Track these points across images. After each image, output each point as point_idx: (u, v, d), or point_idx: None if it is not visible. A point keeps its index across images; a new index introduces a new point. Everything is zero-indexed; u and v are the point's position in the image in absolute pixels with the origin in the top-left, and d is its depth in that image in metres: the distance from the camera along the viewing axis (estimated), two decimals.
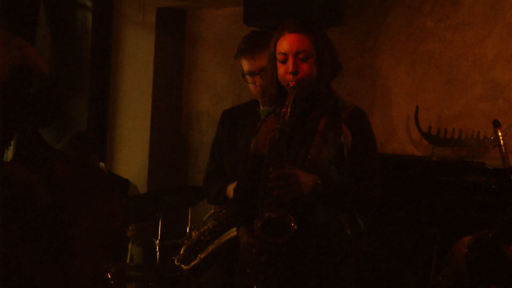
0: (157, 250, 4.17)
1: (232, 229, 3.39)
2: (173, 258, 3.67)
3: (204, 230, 3.58)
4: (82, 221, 2.08)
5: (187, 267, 3.61)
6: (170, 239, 4.22)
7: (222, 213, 3.53)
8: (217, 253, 3.53)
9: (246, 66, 3.35)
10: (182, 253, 3.63)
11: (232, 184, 3.27)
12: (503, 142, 3.33)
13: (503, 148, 3.32)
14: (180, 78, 5.51)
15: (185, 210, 4.39)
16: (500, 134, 3.34)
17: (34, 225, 2.02)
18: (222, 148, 3.54)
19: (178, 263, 3.63)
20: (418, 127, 4.15)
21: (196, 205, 4.40)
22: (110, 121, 5.65)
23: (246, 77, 3.36)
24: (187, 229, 3.85)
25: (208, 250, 3.55)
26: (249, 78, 3.35)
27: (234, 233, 3.20)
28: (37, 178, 2.07)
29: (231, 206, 3.18)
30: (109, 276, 3.86)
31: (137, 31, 5.49)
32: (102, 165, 4.76)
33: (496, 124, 3.38)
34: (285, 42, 2.82)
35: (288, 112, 2.74)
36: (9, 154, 2.26)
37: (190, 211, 4.31)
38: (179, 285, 4.01)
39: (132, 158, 5.52)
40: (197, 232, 3.61)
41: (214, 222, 3.55)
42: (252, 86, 3.36)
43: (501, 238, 2.85)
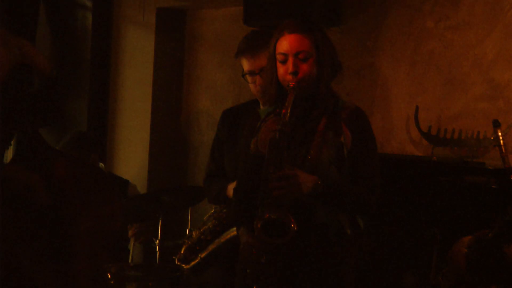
0: (157, 250, 4.17)
1: (232, 228, 3.39)
2: (173, 257, 3.68)
3: (204, 230, 3.58)
4: (82, 221, 2.08)
5: (188, 267, 3.61)
6: (170, 239, 4.22)
7: (223, 212, 3.53)
8: (217, 252, 3.53)
9: (246, 66, 3.35)
10: (182, 252, 3.63)
11: (232, 183, 3.27)
12: (503, 142, 3.33)
13: (503, 148, 3.32)
14: (180, 78, 5.50)
15: (185, 210, 4.39)
16: (500, 134, 3.34)
17: (34, 225, 2.02)
18: (222, 147, 3.54)
19: (178, 263, 3.64)
20: (418, 127, 4.15)
21: (196, 205, 4.40)
22: (110, 121, 5.65)
23: (246, 77, 3.35)
24: (187, 229, 3.86)
25: (208, 249, 3.56)
26: (249, 78, 3.35)
27: (234, 232, 3.20)
28: (37, 178, 2.07)
29: (231, 206, 3.18)
30: (109, 276, 3.86)
31: (137, 31, 5.48)
32: (102, 165, 4.76)
33: (496, 124, 3.38)
34: (285, 42, 2.82)
35: (288, 113, 2.74)
36: (9, 154, 2.26)
37: (190, 211, 4.31)
38: (179, 285, 4.01)
39: (132, 158, 5.52)
40: (197, 231, 3.61)
41: (214, 221, 3.55)
42: (252, 86, 3.36)
43: (501, 238, 2.85)
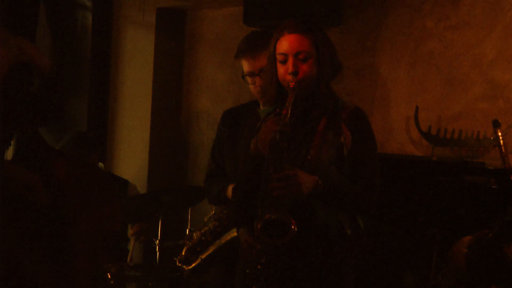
0: (157, 250, 4.17)
1: (232, 229, 3.39)
2: (174, 259, 3.68)
3: (205, 231, 3.58)
4: (82, 221, 2.08)
5: (189, 268, 3.61)
6: (170, 239, 4.22)
7: (223, 213, 3.53)
8: (218, 253, 3.53)
9: (246, 66, 3.35)
10: (183, 253, 3.63)
11: (232, 184, 3.27)
12: (503, 142, 3.34)
13: (503, 148, 3.32)
14: (180, 78, 5.50)
15: (185, 210, 4.39)
16: (500, 134, 3.35)
17: (34, 225, 2.02)
18: (222, 148, 3.54)
19: (179, 264, 3.64)
20: (418, 127, 4.15)
21: (196, 205, 4.40)
22: (110, 121, 5.65)
23: (246, 77, 3.35)
24: (187, 229, 3.86)
25: (209, 250, 3.56)
26: (249, 79, 3.35)
27: (235, 233, 3.20)
28: (37, 178, 2.07)
29: (231, 206, 3.17)
30: (109, 276, 3.86)
31: (137, 31, 5.48)
32: (101, 165, 4.76)
33: (496, 124, 3.39)
34: (285, 43, 2.81)
35: (288, 113, 2.73)
36: (9, 154, 2.26)
37: (190, 211, 4.31)
38: (179, 285, 4.01)
39: (132, 158, 5.52)
40: (198, 232, 3.61)
41: (215, 222, 3.55)
42: (252, 87, 3.36)
43: (501, 238, 2.85)
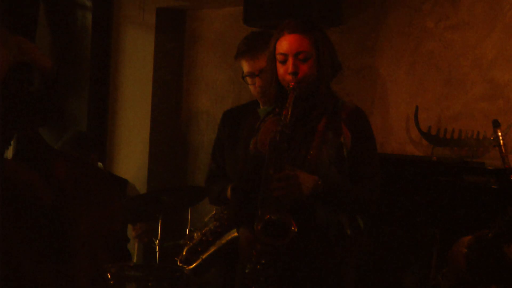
0: (157, 250, 4.17)
1: (233, 229, 3.39)
2: (175, 258, 3.68)
3: (206, 231, 3.58)
4: (82, 221, 2.07)
5: (189, 268, 3.61)
6: (170, 239, 4.22)
7: (224, 213, 3.53)
8: (218, 253, 3.53)
9: (246, 67, 3.35)
10: (184, 254, 3.63)
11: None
12: (503, 142, 3.34)
13: (503, 148, 3.32)
14: (180, 78, 5.50)
15: (185, 210, 4.39)
16: (500, 134, 3.34)
17: (34, 224, 2.02)
18: (222, 148, 3.54)
19: (180, 264, 3.64)
20: (418, 127, 4.15)
21: (196, 205, 4.40)
22: (110, 121, 5.65)
23: (246, 78, 3.36)
24: (187, 229, 3.86)
25: (209, 250, 3.56)
26: (249, 80, 3.35)
27: (236, 233, 3.20)
28: (37, 177, 2.06)
29: (230, 206, 3.17)
30: (109, 276, 3.86)
31: (137, 31, 5.48)
32: (100, 165, 4.75)
33: (496, 124, 3.39)
34: (285, 43, 2.81)
35: (288, 114, 2.73)
36: (9, 153, 2.26)
37: (190, 211, 4.31)
38: (179, 285, 4.01)
39: (132, 158, 5.52)
40: (199, 233, 3.62)
41: (215, 223, 3.56)
42: (252, 87, 3.36)
43: (501, 238, 2.85)
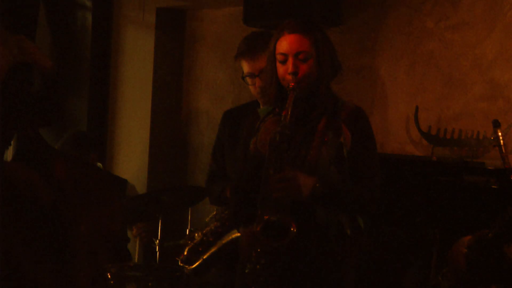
0: (157, 250, 4.17)
1: (234, 230, 3.39)
2: (176, 259, 3.68)
3: (206, 231, 3.58)
4: (82, 221, 2.07)
5: (191, 268, 3.61)
6: (170, 239, 4.23)
7: (224, 214, 3.53)
8: (219, 254, 3.53)
9: (246, 68, 3.35)
10: (185, 254, 3.63)
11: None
12: (503, 142, 3.33)
13: (503, 148, 3.32)
14: (180, 78, 5.50)
15: (185, 210, 4.39)
16: (500, 134, 3.34)
17: (34, 224, 2.02)
18: (223, 148, 3.54)
19: (181, 264, 3.64)
20: (418, 127, 4.15)
21: (196, 205, 4.40)
22: (110, 121, 5.65)
23: (246, 78, 3.36)
24: (187, 229, 3.86)
25: (210, 250, 3.56)
26: (249, 80, 3.35)
27: (236, 234, 3.20)
28: (37, 177, 2.06)
29: (230, 206, 3.18)
30: (109, 276, 3.86)
31: (137, 31, 5.48)
32: (100, 165, 4.75)
33: (496, 124, 3.38)
34: (285, 43, 2.81)
35: (288, 114, 2.72)
36: (9, 154, 2.26)
37: (190, 211, 4.31)
38: (179, 285, 4.01)
39: (132, 158, 5.52)
40: (200, 233, 3.62)
41: (216, 223, 3.56)
42: (252, 88, 3.37)
43: (501, 238, 2.85)
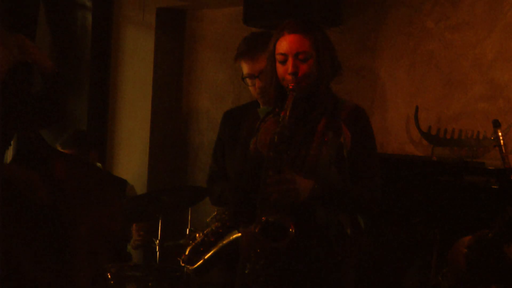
0: (157, 250, 4.17)
1: (234, 230, 3.39)
2: (178, 259, 3.68)
3: (207, 232, 3.58)
4: (82, 221, 2.07)
5: (192, 268, 3.61)
6: (170, 239, 4.23)
7: (225, 214, 3.53)
8: (220, 254, 3.53)
9: (245, 69, 3.35)
10: (187, 254, 3.63)
11: None
12: (503, 142, 3.33)
13: (503, 148, 3.32)
14: (180, 78, 5.50)
15: (185, 210, 4.39)
16: (500, 134, 3.34)
17: (34, 225, 2.02)
18: (223, 149, 3.54)
19: (183, 264, 3.64)
20: (418, 127, 4.15)
21: (196, 205, 4.40)
22: (110, 121, 5.65)
23: (246, 79, 3.36)
24: (187, 229, 3.86)
25: (212, 251, 3.56)
26: (248, 81, 3.35)
27: (237, 234, 3.20)
28: (37, 177, 2.06)
29: (230, 206, 3.18)
30: (109, 276, 3.86)
31: (137, 31, 5.48)
32: (99, 165, 4.75)
33: (496, 124, 3.38)
34: (284, 43, 2.80)
35: (287, 115, 2.72)
36: (9, 154, 2.26)
37: (190, 211, 4.31)
38: (179, 285, 4.01)
39: (132, 158, 5.52)
40: (201, 233, 3.62)
41: (217, 223, 3.56)
42: (252, 89, 3.37)
43: (501, 238, 2.85)
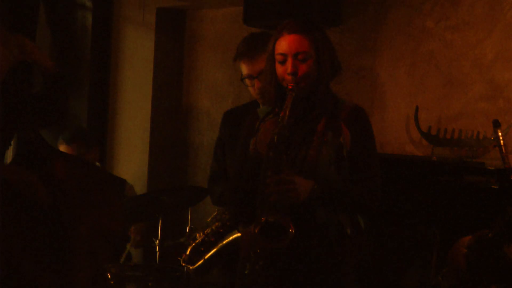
0: (157, 250, 4.17)
1: (235, 230, 3.39)
2: (179, 258, 3.68)
3: (208, 232, 3.58)
4: (83, 221, 2.07)
5: (193, 268, 3.61)
6: (170, 239, 4.23)
7: (226, 214, 3.53)
8: (221, 254, 3.53)
9: (244, 69, 3.35)
10: (188, 253, 3.63)
11: None
12: (503, 142, 3.33)
13: (503, 148, 3.32)
14: (180, 78, 5.50)
15: (185, 210, 4.39)
16: (500, 134, 3.34)
17: (34, 225, 2.02)
18: (224, 149, 3.54)
19: (184, 264, 3.64)
20: (418, 127, 4.15)
21: (196, 205, 4.40)
22: (110, 121, 5.65)
23: (245, 80, 3.36)
24: (187, 229, 3.86)
25: (212, 250, 3.56)
26: (248, 82, 3.35)
27: (237, 234, 3.20)
28: (36, 178, 2.06)
29: (229, 206, 3.17)
30: (109, 276, 3.86)
31: (137, 31, 5.48)
32: (98, 165, 4.75)
33: (496, 124, 3.38)
34: (284, 43, 2.80)
35: (286, 116, 2.72)
36: (9, 154, 2.26)
37: (190, 211, 4.31)
38: (179, 285, 4.01)
39: (132, 158, 5.52)
40: (201, 233, 3.62)
41: (217, 223, 3.56)
42: (251, 89, 3.37)
43: (501, 238, 2.85)
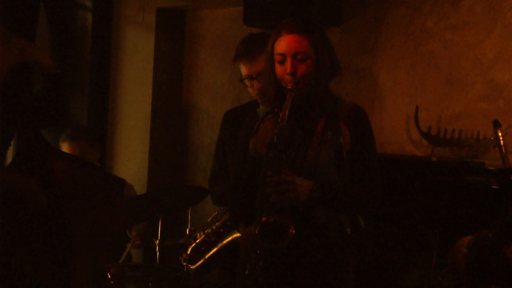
0: (157, 250, 4.17)
1: (235, 230, 3.40)
2: (179, 258, 3.68)
3: (208, 232, 3.59)
4: (83, 221, 2.07)
5: (194, 267, 3.62)
6: (170, 239, 4.23)
7: (226, 214, 3.53)
8: (221, 253, 3.54)
9: (244, 70, 3.35)
10: (188, 253, 3.64)
11: None
12: (503, 142, 3.33)
13: (503, 148, 3.32)
14: (180, 78, 5.50)
15: (185, 210, 4.40)
16: (500, 134, 3.34)
17: (34, 225, 2.02)
18: (224, 149, 3.54)
19: (184, 263, 3.64)
20: (418, 127, 4.15)
21: (196, 205, 4.40)
22: (110, 121, 5.65)
23: (244, 81, 3.36)
24: (187, 229, 3.86)
25: (212, 250, 3.56)
26: (247, 82, 3.36)
27: (237, 234, 3.21)
28: (33, 183, 2.06)
29: (229, 206, 3.17)
30: (109, 276, 3.86)
31: (137, 31, 5.48)
32: (98, 165, 4.75)
33: (496, 124, 3.38)
34: (283, 43, 2.80)
35: (286, 116, 2.72)
36: (9, 154, 2.26)
37: (190, 211, 4.31)
38: (179, 285, 4.02)
39: (132, 158, 5.52)
40: (202, 233, 3.62)
41: (218, 223, 3.56)
42: (250, 90, 3.37)
43: (501, 238, 2.85)
